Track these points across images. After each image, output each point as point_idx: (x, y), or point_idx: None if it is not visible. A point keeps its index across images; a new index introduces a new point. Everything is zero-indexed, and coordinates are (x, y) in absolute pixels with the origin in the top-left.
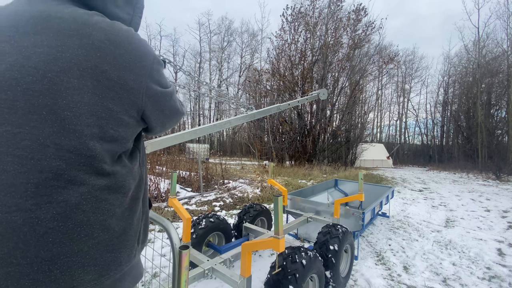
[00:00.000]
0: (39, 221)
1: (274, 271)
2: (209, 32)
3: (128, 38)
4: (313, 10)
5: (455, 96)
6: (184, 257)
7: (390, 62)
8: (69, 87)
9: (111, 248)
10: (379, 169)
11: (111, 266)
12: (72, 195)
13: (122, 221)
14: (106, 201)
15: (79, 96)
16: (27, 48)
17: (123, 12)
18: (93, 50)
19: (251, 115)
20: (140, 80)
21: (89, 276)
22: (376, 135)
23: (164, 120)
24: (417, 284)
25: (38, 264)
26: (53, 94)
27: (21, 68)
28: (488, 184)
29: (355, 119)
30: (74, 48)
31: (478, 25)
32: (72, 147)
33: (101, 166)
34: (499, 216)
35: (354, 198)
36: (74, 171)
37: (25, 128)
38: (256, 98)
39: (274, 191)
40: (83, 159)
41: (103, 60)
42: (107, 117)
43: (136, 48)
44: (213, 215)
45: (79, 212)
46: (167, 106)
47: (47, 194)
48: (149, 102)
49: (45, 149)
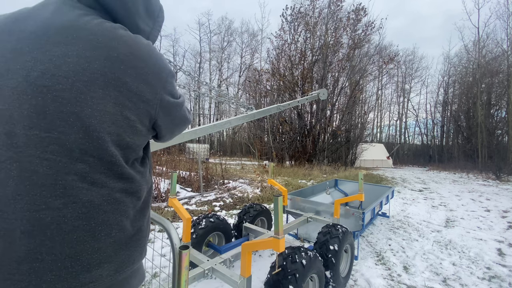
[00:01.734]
0: (65, 220)
1: (274, 271)
2: (209, 32)
3: (148, 52)
4: (313, 10)
5: (455, 96)
6: (184, 257)
7: (390, 62)
8: (95, 96)
9: (125, 247)
10: (379, 169)
11: (125, 263)
12: (95, 196)
13: (135, 222)
14: (123, 203)
15: (102, 105)
16: (58, 58)
17: (144, 24)
18: (117, 63)
19: (251, 115)
20: (155, 91)
21: (105, 272)
22: (376, 135)
23: (173, 128)
24: (417, 284)
25: (61, 260)
26: (80, 103)
27: (52, 76)
28: (488, 184)
29: (355, 119)
30: (101, 60)
31: (478, 25)
32: (95, 152)
33: (119, 170)
34: (499, 216)
35: (354, 198)
36: (96, 174)
37: (54, 133)
38: (256, 98)
39: (274, 191)
40: (104, 163)
41: (125, 73)
42: (125, 126)
43: (155, 62)
44: (213, 215)
45: (101, 212)
46: (178, 116)
47: (73, 194)
48: (162, 112)
49: (71, 153)
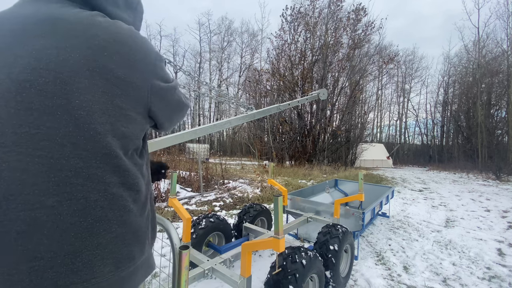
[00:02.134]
0: (61, 217)
1: (274, 271)
2: (209, 32)
3: (131, 36)
4: (313, 10)
5: (455, 96)
6: (184, 257)
7: (390, 62)
8: (81, 87)
9: (127, 243)
10: (379, 169)
11: (127, 259)
12: (91, 191)
13: (136, 217)
14: (122, 198)
15: (90, 95)
16: (37, 51)
17: (125, 14)
18: (100, 50)
19: (251, 115)
20: (144, 77)
21: (107, 268)
22: (376, 135)
23: (171, 115)
24: (417, 284)
25: (61, 257)
26: (66, 95)
27: (33, 70)
28: (488, 184)
29: (355, 119)
30: (82, 49)
31: (478, 25)
32: (87, 146)
33: (116, 163)
34: (499, 216)
35: (354, 198)
36: (91, 169)
37: (42, 129)
38: (256, 98)
39: (274, 191)
40: (98, 156)
41: (110, 59)
42: (117, 115)
43: (140, 46)
44: (213, 215)
45: (97, 208)
46: (172, 101)
47: (67, 191)
48: (155, 98)
49: (63, 148)
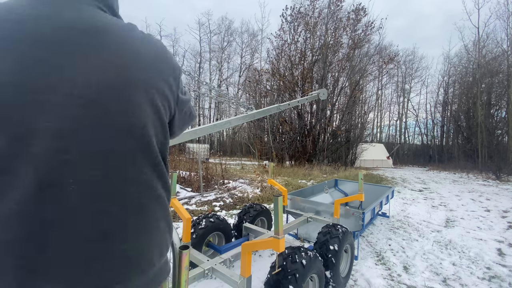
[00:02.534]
0: (124, 221)
1: (274, 271)
2: (209, 32)
3: (165, 51)
4: (313, 10)
5: (455, 96)
6: (184, 257)
7: (390, 62)
8: (139, 102)
9: (164, 238)
10: (379, 169)
11: (166, 248)
12: (146, 197)
13: (169, 214)
14: (162, 198)
15: (145, 112)
16: (96, 68)
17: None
18: (148, 66)
19: (251, 115)
20: (173, 90)
21: (156, 259)
22: (376, 135)
23: (183, 125)
24: (417, 284)
25: (126, 253)
26: (127, 111)
27: (97, 88)
28: (488, 184)
29: (355, 119)
30: (135, 65)
31: (478, 25)
32: (143, 157)
33: (160, 169)
34: (499, 216)
35: (354, 198)
36: (148, 177)
37: (107, 145)
38: (256, 98)
39: (274, 191)
40: (150, 165)
41: (156, 76)
42: (159, 127)
43: (170, 61)
44: (213, 215)
45: (150, 210)
46: (187, 113)
47: (129, 199)
48: (177, 110)
49: (125, 161)
